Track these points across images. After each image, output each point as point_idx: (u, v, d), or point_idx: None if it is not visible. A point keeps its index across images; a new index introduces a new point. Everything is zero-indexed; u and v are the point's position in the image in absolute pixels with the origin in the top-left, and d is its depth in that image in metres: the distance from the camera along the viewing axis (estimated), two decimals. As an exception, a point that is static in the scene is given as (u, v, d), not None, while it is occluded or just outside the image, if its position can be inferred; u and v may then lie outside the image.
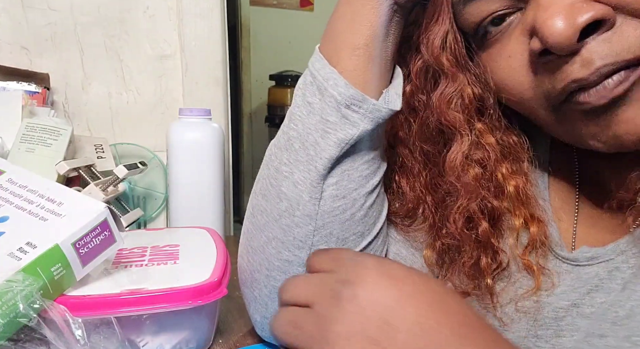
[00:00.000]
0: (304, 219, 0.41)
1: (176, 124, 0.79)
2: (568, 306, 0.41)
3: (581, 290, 0.41)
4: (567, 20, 0.32)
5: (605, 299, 0.40)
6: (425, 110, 0.43)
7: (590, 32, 0.33)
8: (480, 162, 0.41)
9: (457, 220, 0.41)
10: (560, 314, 0.42)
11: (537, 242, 0.43)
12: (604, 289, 0.41)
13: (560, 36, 0.32)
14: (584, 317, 0.41)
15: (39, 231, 0.42)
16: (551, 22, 0.32)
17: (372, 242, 0.44)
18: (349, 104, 0.39)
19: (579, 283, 0.42)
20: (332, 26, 0.40)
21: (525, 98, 0.39)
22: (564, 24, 0.32)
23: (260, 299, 0.46)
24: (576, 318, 0.41)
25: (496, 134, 0.42)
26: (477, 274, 0.42)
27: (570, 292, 0.42)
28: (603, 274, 0.41)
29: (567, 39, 0.32)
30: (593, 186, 0.43)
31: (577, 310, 0.41)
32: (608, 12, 0.32)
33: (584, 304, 0.41)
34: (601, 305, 0.40)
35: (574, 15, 0.32)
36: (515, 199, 0.43)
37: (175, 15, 0.93)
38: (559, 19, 0.32)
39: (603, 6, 0.32)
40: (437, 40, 0.39)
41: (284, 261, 0.43)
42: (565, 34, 0.32)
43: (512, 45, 0.37)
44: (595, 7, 0.32)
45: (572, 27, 0.32)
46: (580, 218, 0.45)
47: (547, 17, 0.32)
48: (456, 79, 0.40)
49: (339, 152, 0.40)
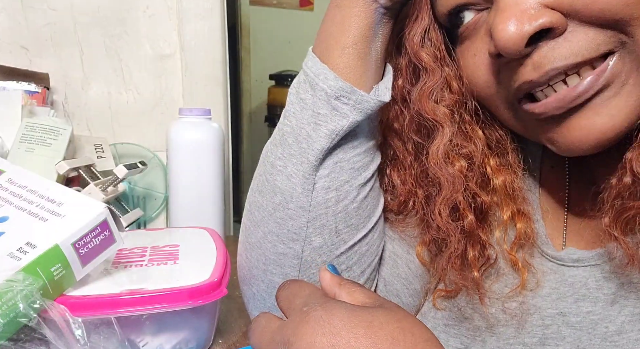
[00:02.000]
0: (297, 211, 0.42)
1: (176, 124, 0.79)
2: (554, 315, 0.42)
3: (568, 299, 0.41)
4: (517, 27, 0.33)
5: (591, 309, 0.40)
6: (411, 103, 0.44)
7: (541, 37, 0.34)
8: (467, 156, 0.42)
9: (442, 211, 0.41)
10: (547, 322, 0.42)
11: (524, 238, 0.43)
12: (590, 298, 0.41)
13: (507, 42, 0.33)
14: (569, 326, 0.41)
15: (38, 231, 0.42)
16: (501, 27, 0.33)
17: (367, 235, 0.45)
18: (338, 96, 0.40)
19: (563, 286, 0.42)
20: (323, 29, 0.42)
21: (488, 95, 0.40)
22: (513, 31, 0.33)
23: (259, 295, 0.46)
24: (561, 327, 0.41)
25: (482, 127, 0.43)
26: (464, 267, 0.43)
27: (555, 296, 0.42)
28: (591, 283, 0.41)
29: (514, 45, 0.33)
30: (584, 186, 0.43)
31: (563, 319, 0.41)
32: (558, 20, 0.33)
33: (570, 312, 0.41)
34: (587, 315, 0.40)
35: (523, 22, 0.33)
36: (503, 193, 0.43)
37: (175, 15, 0.93)
38: (510, 24, 0.33)
39: (554, 13, 0.33)
40: (417, 36, 0.41)
41: (280, 254, 0.44)
42: (512, 40, 0.33)
43: (477, 44, 0.39)
44: (546, 14, 0.33)
45: (520, 34, 0.33)
46: (570, 218, 0.45)
47: (499, 21, 0.34)
48: (436, 74, 0.41)
49: (329, 143, 0.41)
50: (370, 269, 0.46)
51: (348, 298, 0.33)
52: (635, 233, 0.38)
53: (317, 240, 0.43)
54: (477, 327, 0.44)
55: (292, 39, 2.59)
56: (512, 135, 0.45)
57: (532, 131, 0.40)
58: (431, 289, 0.48)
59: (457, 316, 0.45)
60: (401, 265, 0.48)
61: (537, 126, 0.38)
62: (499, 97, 0.39)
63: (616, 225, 0.37)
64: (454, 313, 0.46)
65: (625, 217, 0.37)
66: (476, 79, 0.40)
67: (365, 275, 0.46)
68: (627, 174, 0.36)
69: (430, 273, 0.48)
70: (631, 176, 0.36)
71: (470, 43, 0.40)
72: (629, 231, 0.38)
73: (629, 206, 0.36)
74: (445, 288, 0.45)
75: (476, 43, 0.39)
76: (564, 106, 0.35)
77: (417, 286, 0.48)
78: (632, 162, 0.35)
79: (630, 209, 0.36)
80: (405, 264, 0.48)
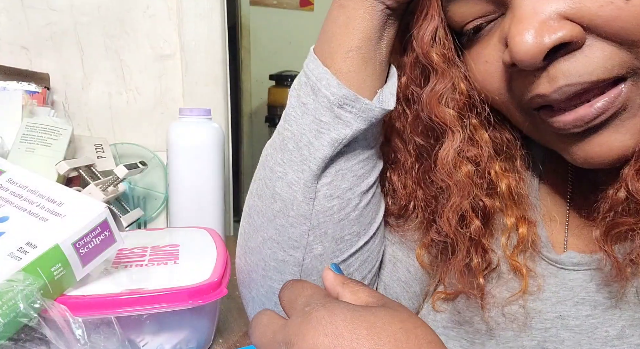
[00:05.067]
0: (299, 219, 0.41)
1: (176, 124, 0.79)
2: (554, 318, 0.41)
3: (568, 302, 0.41)
4: (536, 39, 0.32)
5: (590, 312, 0.40)
6: (417, 104, 0.43)
7: (558, 50, 0.33)
8: (473, 160, 0.41)
9: (451, 218, 0.40)
10: (547, 325, 0.41)
11: (527, 243, 0.43)
12: (589, 302, 0.41)
13: (526, 55, 0.32)
14: (568, 329, 0.41)
15: (39, 230, 0.42)
16: (519, 39, 0.32)
17: (368, 241, 0.44)
18: (341, 104, 0.39)
19: (564, 290, 0.42)
20: (326, 29, 0.41)
21: (501, 102, 0.39)
22: (531, 43, 0.32)
23: (258, 299, 0.46)
24: (560, 330, 0.41)
25: (489, 131, 0.42)
26: (468, 273, 0.42)
27: (555, 299, 0.42)
28: (591, 287, 0.41)
29: (532, 58, 0.32)
30: (586, 191, 0.43)
31: (562, 322, 0.41)
32: (578, 33, 0.32)
33: (569, 316, 0.41)
34: (587, 319, 0.40)
35: (543, 34, 0.32)
36: (508, 198, 0.43)
37: (175, 15, 0.93)
38: (528, 36, 0.32)
39: (574, 26, 0.32)
40: (427, 36, 0.39)
41: (280, 261, 0.43)
42: (531, 52, 0.32)
43: (490, 51, 0.38)
44: (566, 27, 0.32)
45: (538, 46, 0.32)
46: (571, 222, 0.45)
47: (517, 32, 0.33)
48: (446, 75, 0.40)
49: (332, 152, 0.40)
50: (371, 275, 0.46)
51: (351, 298, 0.32)
52: (624, 244, 0.38)
53: (318, 248, 0.42)
54: (476, 330, 0.44)
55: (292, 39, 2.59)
56: (521, 139, 0.44)
57: (548, 139, 0.39)
58: (430, 292, 0.48)
59: (456, 319, 0.45)
60: (401, 268, 0.48)
61: (554, 136, 0.38)
62: (513, 104, 0.39)
63: (606, 239, 0.37)
64: (453, 315, 0.45)
65: (617, 232, 0.37)
66: (488, 86, 0.39)
67: (366, 281, 0.46)
68: (622, 189, 0.36)
69: (429, 276, 0.48)
70: (625, 192, 0.35)
71: (482, 49, 0.38)
72: (618, 244, 0.38)
73: (621, 222, 0.36)
74: (445, 291, 0.45)
75: (488, 49, 0.38)
76: (582, 125, 0.35)
77: (416, 289, 0.48)
78: (628, 179, 0.35)
79: (622, 225, 0.36)
80: (405, 268, 0.48)
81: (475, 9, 0.37)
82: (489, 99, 0.40)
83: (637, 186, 0.34)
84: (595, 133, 0.35)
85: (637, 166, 0.35)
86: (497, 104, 0.40)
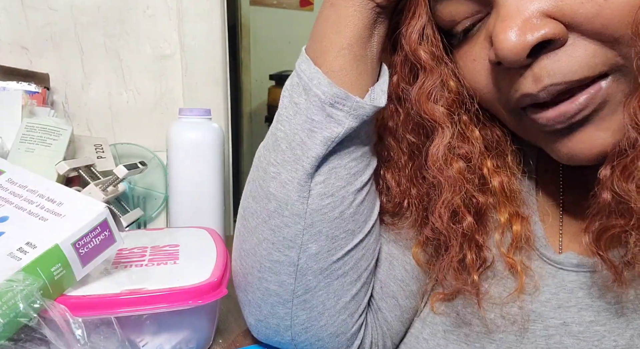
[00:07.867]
0: (293, 218, 0.41)
1: (176, 124, 0.79)
2: (558, 325, 0.41)
3: (572, 309, 0.41)
4: (519, 37, 0.32)
5: (594, 318, 0.40)
6: (408, 101, 0.43)
7: (542, 48, 0.33)
8: (464, 156, 0.42)
9: (443, 214, 0.41)
10: (550, 332, 0.41)
11: (522, 241, 0.43)
12: (592, 307, 0.40)
13: (510, 52, 0.33)
14: (571, 336, 0.41)
15: (39, 231, 0.42)
16: (503, 37, 0.33)
17: (363, 239, 0.44)
18: (332, 103, 0.39)
19: (563, 292, 0.42)
20: (317, 28, 0.41)
21: (489, 100, 0.40)
22: (515, 40, 0.32)
23: (254, 302, 0.46)
24: (564, 336, 0.41)
25: (479, 128, 0.43)
26: (462, 270, 0.42)
27: (555, 302, 0.42)
28: (593, 292, 0.41)
29: (516, 55, 0.33)
30: (578, 191, 0.43)
31: (565, 329, 0.41)
32: (560, 31, 0.33)
33: (573, 322, 0.41)
34: (590, 325, 0.40)
35: (525, 32, 0.32)
36: (500, 194, 0.43)
37: (175, 15, 0.93)
38: (512, 34, 0.33)
39: (556, 24, 0.33)
40: (415, 34, 0.40)
41: (275, 262, 0.43)
42: (515, 50, 0.33)
43: (477, 50, 0.38)
44: (549, 25, 0.32)
45: (522, 44, 0.32)
46: (565, 222, 0.45)
47: (501, 30, 0.33)
48: (434, 73, 0.40)
49: (325, 150, 0.40)
50: (367, 273, 0.46)
51: None
52: (618, 247, 0.38)
53: (313, 247, 0.42)
54: (476, 333, 0.44)
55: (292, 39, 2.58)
56: (512, 136, 0.44)
57: (534, 136, 0.40)
58: (428, 291, 0.48)
59: (456, 322, 0.45)
60: (397, 267, 0.48)
61: (539, 133, 0.38)
62: (500, 102, 0.39)
63: (599, 244, 0.37)
64: (452, 318, 0.45)
65: (609, 236, 0.37)
66: (476, 84, 0.40)
67: (362, 279, 0.45)
68: (607, 191, 0.36)
69: (426, 274, 0.48)
70: (611, 193, 0.35)
71: (469, 47, 0.39)
72: (612, 248, 0.38)
73: (612, 225, 0.36)
74: (443, 291, 0.45)
75: (475, 48, 0.38)
76: (564, 120, 0.35)
77: (413, 287, 0.48)
78: (613, 180, 0.35)
79: (613, 228, 0.36)
80: (401, 266, 0.48)
81: (461, 8, 0.38)
82: (477, 96, 0.40)
83: (623, 186, 0.34)
84: (577, 130, 0.36)
85: (621, 166, 0.35)
86: (485, 102, 0.41)
